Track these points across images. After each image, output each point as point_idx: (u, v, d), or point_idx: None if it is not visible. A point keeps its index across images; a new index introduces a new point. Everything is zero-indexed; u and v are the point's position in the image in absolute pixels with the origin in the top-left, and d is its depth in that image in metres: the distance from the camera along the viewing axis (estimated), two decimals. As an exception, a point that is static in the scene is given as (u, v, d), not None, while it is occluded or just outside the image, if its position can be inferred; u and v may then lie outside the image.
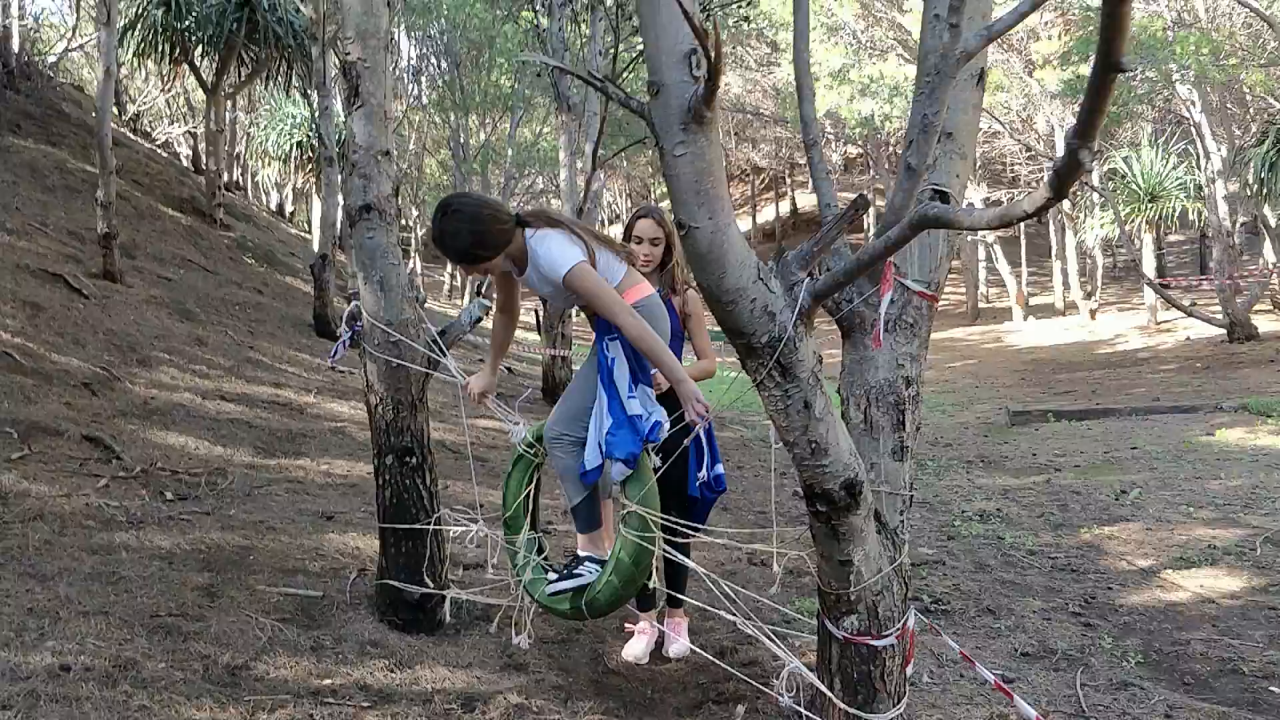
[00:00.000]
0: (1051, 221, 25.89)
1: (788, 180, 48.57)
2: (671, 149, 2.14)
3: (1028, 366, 16.86)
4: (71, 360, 6.40)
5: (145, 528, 4.30)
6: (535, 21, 9.92)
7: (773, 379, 2.35)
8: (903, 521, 2.78)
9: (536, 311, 14.95)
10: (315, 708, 3.14)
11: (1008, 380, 15.59)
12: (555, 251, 3.06)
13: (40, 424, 5.19)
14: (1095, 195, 19.48)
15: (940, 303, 2.83)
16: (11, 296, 6.95)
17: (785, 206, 48.81)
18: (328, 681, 3.34)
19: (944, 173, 2.71)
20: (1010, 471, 8.29)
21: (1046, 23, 17.61)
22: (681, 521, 3.46)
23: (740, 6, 10.56)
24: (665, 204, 3.01)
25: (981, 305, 29.45)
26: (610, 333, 3.20)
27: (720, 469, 3.83)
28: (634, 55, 10.57)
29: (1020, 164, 26.42)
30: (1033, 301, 27.13)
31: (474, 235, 3.02)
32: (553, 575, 3.46)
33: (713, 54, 1.96)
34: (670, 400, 3.22)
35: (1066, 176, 1.44)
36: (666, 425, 3.19)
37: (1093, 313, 22.33)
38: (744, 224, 44.04)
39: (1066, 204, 22.66)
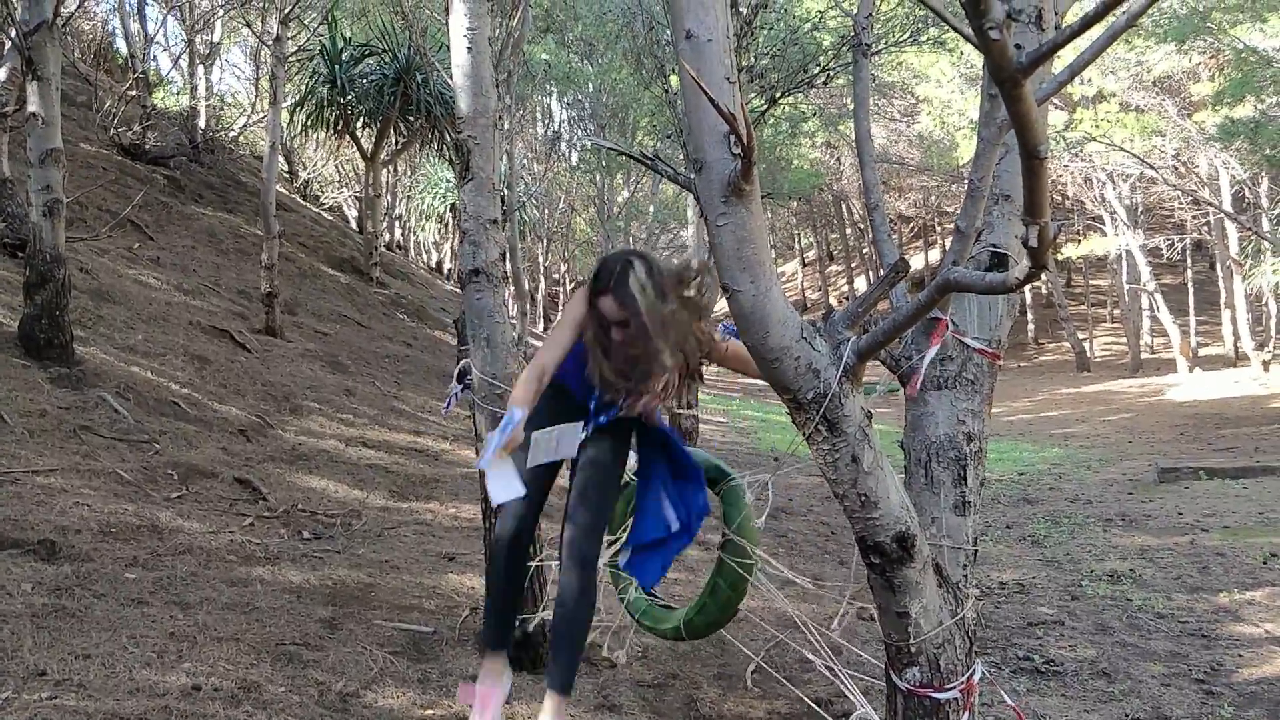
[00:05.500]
0: (1220, 267, 24.46)
1: (937, 229, 47.64)
2: (714, 219, 2.31)
3: (1188, 421, 15.95)
4: (231, 409, 7.02)
5: (280, 563, 4.70)
6: (665, 87, 10.29)
7: (820, 433, 2.46)
8: (965, 576, 2.81)
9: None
10: (415, 735, 3.39)
11: (1165, 435, 14.80)
12: None
13: (198, 467, 5.73)
14: (1266, 241, 18.33)
15: (1099, 355, 2.87)
16: (183, 351, 7.67)
17: (935, 255, 47.79)
18: (429, 712, 3.58)
19: (1002, 234, 2.77)
20: (1151, 531, 7.92)
21: (1199, 65, 16.88)
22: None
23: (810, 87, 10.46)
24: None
25: (1145, 356, 28.00)
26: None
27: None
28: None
29: (1183, 209, 25.11)
30: (1202, 352, 25.61)
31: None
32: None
33: (744, 134, 2.13)
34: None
35: (1036, 251, 1.54)
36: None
37: (1265, 364, 20.84)
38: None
39: (1233, 248, 21.41)
